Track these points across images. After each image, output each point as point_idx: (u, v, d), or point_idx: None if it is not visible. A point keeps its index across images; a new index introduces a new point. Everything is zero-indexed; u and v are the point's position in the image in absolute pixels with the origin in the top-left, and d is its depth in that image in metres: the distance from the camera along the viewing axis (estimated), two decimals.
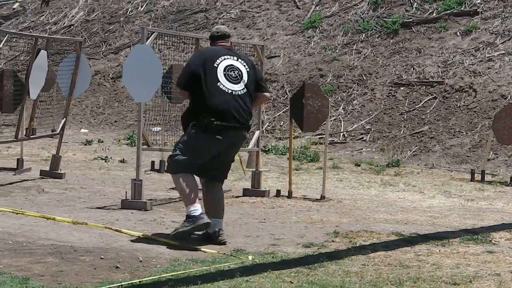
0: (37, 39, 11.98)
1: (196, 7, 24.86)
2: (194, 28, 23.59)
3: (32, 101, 12.63)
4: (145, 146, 10.51)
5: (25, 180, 12.29)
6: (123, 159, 15.17)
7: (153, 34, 10.43)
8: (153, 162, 13.92)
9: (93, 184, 12.13)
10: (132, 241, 7.99)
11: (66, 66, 12.97)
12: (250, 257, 7.35)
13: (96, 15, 26.16)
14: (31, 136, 12.79)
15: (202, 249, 7.69)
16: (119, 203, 10.08)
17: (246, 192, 11.60)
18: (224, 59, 8.17)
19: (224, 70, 8.09)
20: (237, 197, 11.43)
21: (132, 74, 10.12)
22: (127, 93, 21.50)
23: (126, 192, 10.20)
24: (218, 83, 8.03)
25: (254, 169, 12.05)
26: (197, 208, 7.95)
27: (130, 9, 25.76)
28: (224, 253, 7.51)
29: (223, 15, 23.93)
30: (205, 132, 8.00)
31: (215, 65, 8.10)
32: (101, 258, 7.14)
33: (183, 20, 24.27)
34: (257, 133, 12.12)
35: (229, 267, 7.02)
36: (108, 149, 17.10)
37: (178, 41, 16.15)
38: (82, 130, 20.46)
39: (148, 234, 8.27)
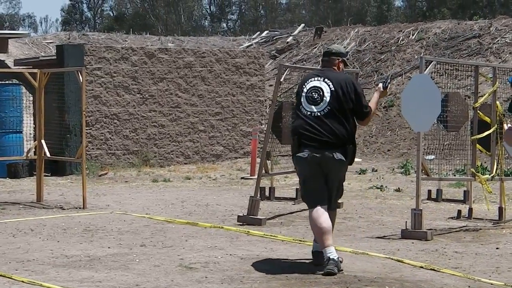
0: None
1: (469, 33, 24.43)
2: (467, 54, 23.18)
3: None
4: (424, 176, 10.40)
5: (305, 209, 12.55)
6: (399, 188, 15.12)
7: (431, 63, 10.35)
8: (429, 191, 13.75)
9: (371, 213, 12.18)
10: (415, 271, 7.92)
11: None
12: None
13: (367, 45, 26.41)
14: None
15: (488, 281, 7.47)
16: (399, 233, 10.05)
17: None
18: (310, 81, 8.14)
19: (307, 93, 8.07)
20: None
21: (411, 103, 10.10)
22: (399, 122, 21.49)
23: (406, 221, 10.14)
24: (301, 106, 8.08)
25: None
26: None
27: (401, 37, 25.77)
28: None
29: (498, 40, 23.34)
30: (294, 155, 8.13)
31: (303, 88, 8.13)
32: None
33: (456, 47, 23.92)
34: None
35: None
36: (382, 178, 17.13)
37: (451, 68, 15.89)
38: (356, 159, 20.63)
39: (431, 265, 8.16)
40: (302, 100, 8.06)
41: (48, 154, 13.51)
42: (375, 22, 34.92)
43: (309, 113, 7.98)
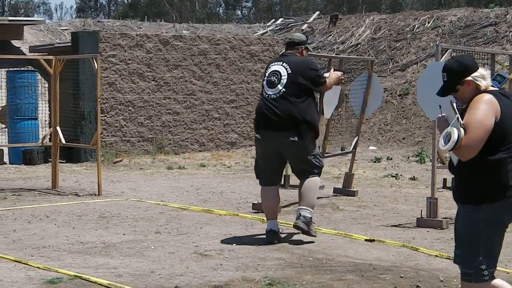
0: (331, 59, 12.21)
1: (485, 21, 24.30)
2: (483, 42, 23.07)
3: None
4: (440, 164, 10.37)
5: (319, 197, 12.55)
6: (414, 177, 15.08)
7: (447, 51, 10.30)
8: (445, 180, 13.67)
9: (386, 201, 12.16)
10: (430, 260, 7.90)
11: (358, 85, 13.12)
12: None
13: (382, 33, 26.32)
14: (325, 155, 13.00)
15: (504, 269, 7.44)
16: (414, 221, 10.03)
17: None
18: (272, 66, 8.76)
19: (268, 77, 8.69)
20: None
21: (426, 91, 10.04)
22: (415, 110, 21.42)
23: (421, 210, 10.12)
24: (263, 90, 8.74)
25: None
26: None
27: (416, 25, 25.66)
28: None
29: None
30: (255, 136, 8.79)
31: (266, 73, 8.78)
32: (401, 277, 7.12)
33: (472, 35, 23.81)
34: None
35: None
36: (397, 166, 17.08)
37: None
38: (371, 148, 20.60)
39: (446, 254, 8.14)
40: (264, 83, 8.72)
41: (63, 141, 13.55)
42: (390, 9, 34.76)
43: (267, 95, 8.62)
